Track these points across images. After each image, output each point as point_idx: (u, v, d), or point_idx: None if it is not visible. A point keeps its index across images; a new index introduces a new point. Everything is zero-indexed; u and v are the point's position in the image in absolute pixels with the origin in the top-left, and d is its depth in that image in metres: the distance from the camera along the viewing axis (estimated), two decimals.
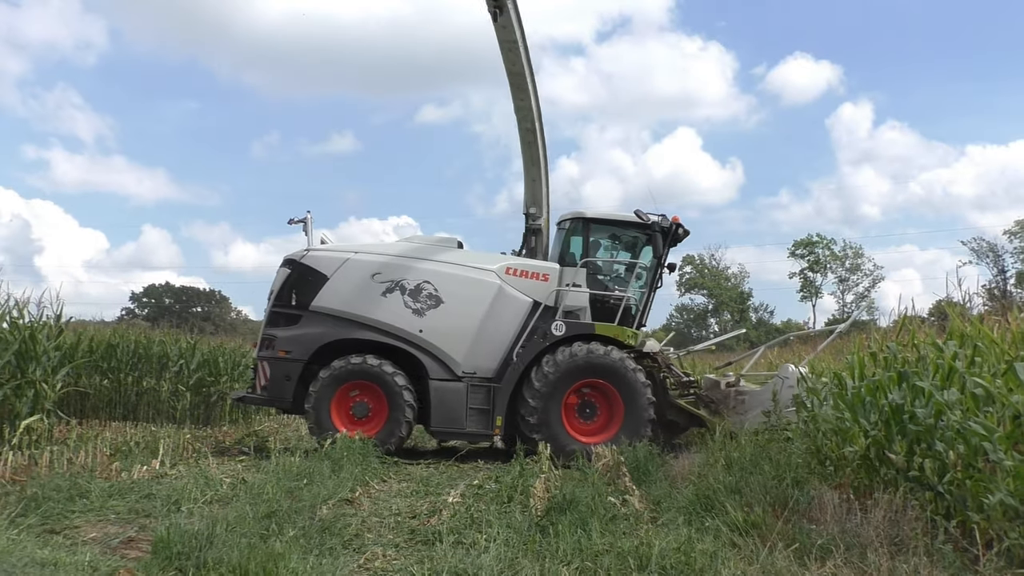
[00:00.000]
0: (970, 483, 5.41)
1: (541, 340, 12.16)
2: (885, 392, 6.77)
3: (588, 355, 12.06)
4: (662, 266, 13.28)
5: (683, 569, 5.09)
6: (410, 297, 12.09)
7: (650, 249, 13.23)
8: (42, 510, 6.76)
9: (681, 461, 9.83)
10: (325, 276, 12.13)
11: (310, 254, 12.35)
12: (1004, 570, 4.66)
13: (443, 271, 12.33)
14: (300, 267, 12.28)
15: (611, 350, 12.18)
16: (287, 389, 11.96)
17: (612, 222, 13.59)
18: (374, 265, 12.24)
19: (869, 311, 66.01)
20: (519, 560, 5.50)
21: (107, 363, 16.91)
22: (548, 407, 11.92)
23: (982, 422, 5.37)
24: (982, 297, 8.58)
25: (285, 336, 12.09)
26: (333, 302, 12.10)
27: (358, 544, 6.27)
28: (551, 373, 11.95)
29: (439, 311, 12.14)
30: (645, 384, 12.14)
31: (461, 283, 12.32)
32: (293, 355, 11.97)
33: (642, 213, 13.09)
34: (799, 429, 8.78)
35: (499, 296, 12.31)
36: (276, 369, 12.05)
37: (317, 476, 8.54)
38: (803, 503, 6.50)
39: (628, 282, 13.27)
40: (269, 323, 12.41)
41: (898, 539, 5.40)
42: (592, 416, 12.37)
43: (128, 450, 10.14)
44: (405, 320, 12.08)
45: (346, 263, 12.23)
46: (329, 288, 12.09)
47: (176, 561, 5.17)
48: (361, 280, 12.14)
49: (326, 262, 12.24)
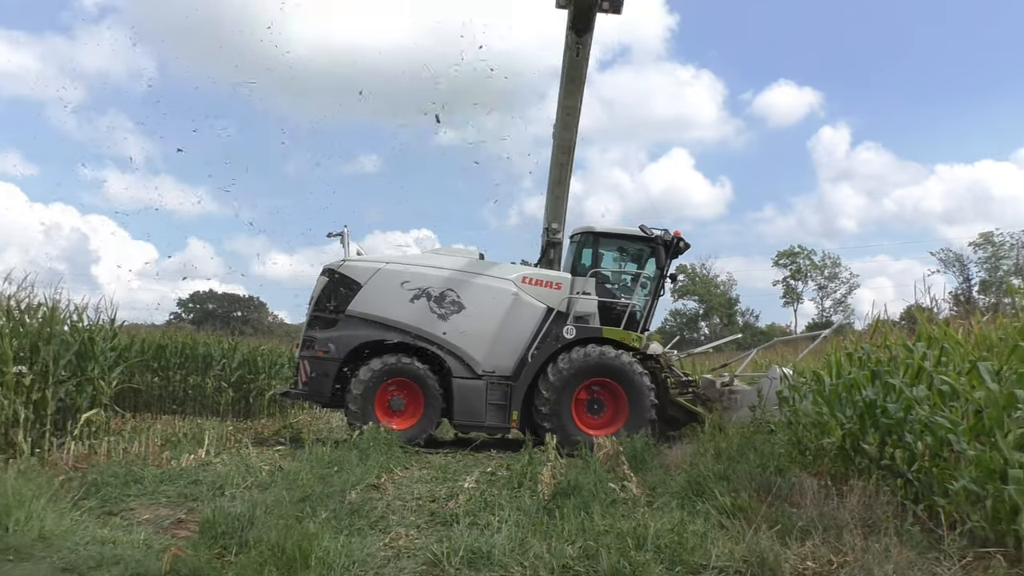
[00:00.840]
0: (936, 471, 5.42)
1: (554, 342, 12.21)
2: (860, 389, 6.77)
3: (600, 357, 12.09)
4: (664, 276, 13.27)
5: (676, 548, 5.06)
6: (435, 303, 12.22)
7: (654, 260, 13.24)
8: (101, 494, 6.82)
9: (674, 451, 9.81)
10: (359, 284, 12.27)
11: (346, 264, 12.46)
12: (966, 549, 4.65)
13: (465, 280, 12.42)
14: (337, 276, 12.41)
15: (621, 353, 12.18)
16: (326, 385, 12.07)
17: (619, 236, 13.57)
18: (403, 274, 12.34)
19: (846, 315, 65.69)
20: (528, 539, 5.49)
21: (157, 362, 17.02)
22: (560, 401, 11.95)
23: (947, 416, 5.38)
24: (948, 303, 8.54)
25: (324, 337, 12.22)
26: (366, 307, 12.23)
27: (383, 525, 6.28)
28: (565, 370, 11.97)
29: (461, 316, 12.24)
30: (650, 387, 12.16)
31: (481, 291, 12.40)
32: (331, 354, 12.10)
33: (646, 228, 13.13)
34: (782, 422, 8.77)
35: (516, 303, 12.39)
36: (316, 367, 12.15)
37: (346, 464, 8.56)
38: (785, 489, 6.48)
39: (633, 290, 13.27)
40: (309, 326, 12.50)
41: (871, 521, 5.38)
42: (600, 412, 12.36)
43: (177, 440, 10.22)
44: (431, 323, 12.20)
45: (378, 272, 12.34)
46: (363, 295, 12.23)
47: (221, 540, 5.22)
48: (392, 287, 12.26)
49: (360, 271, 12.36)
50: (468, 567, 5.01)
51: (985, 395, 5.13)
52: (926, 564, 4.51)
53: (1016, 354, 5.05)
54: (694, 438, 10.28)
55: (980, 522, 4.80)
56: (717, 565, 4.82)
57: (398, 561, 5.23)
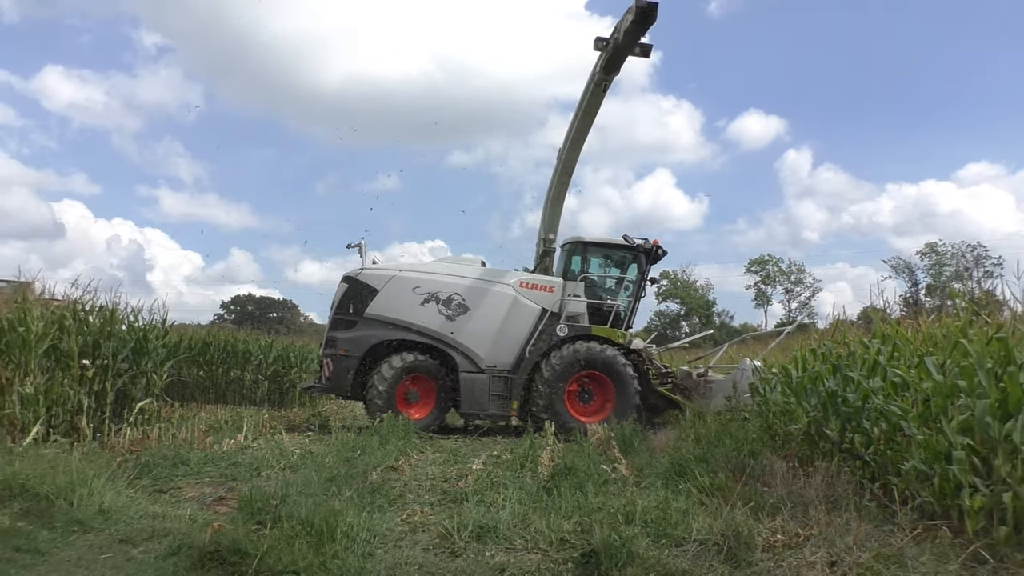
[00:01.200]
0: (890, 453, 5.40)
1: (549, 339, 12.21)
2: (823, 381, 6.75)
3: (589, 351, 12.09)
4: (645, 280, 13.26)
5: (661, 523, 5.05)
6: (443, 306, 12.21)
7: (635, 266, 13.25)
8: (153, 474, 6.83)
9: (659, 436, 9.77)
10: (376, 289, 12.26)
11: (364, 272, 12.45)
12: (917, 522, 4.61)
13: (470, 285, 12.41)
14: (356, 282, 12.40)
15: (606, 348, 12.18)
16: (346, 380, 12.06)
17: (605, 244, 13.53)
18: (415, 280, 12.34)
19: (810, 316, 65.47)
20: (529, 515, 5.48)
21: (202, 358, 17.03)
22: (555, 391, 11.94)
23: (899, 404, 5.37)
24: (899, 305, 8.51)
25: (345, 338, 12.21)
26: (382, 310, 12.22)
27: (401, 503, 6.27)
28: (558, 365, 11.97)
29: (466, 317, 12.24)
30: (633, 376, 12.15)
31: (484, 295, 12.39)
32: (351, 353, 12.09)
33: (629, 237, 13.13)
34: (754, 410, 8.74)
35: (514, 305, 12.39)
36: (338, 364, 12.13)
37: (368, 448, 8.55)
38: (757, 470, 6.46)
39: (618, 292, 13.25)
40: (332, 327, 12.48)
41: (833, 498, 5.35)
42: (589, 400, 12.35)
43: (219, 427, 10.21)
44: (440, 324, 12.18)
45: (392, 279, 12.33)
46: (379, 299, 12.22)
47: (257, 515, 5.22)
48: (405, 292, 12.24)
49: (377, 278, 12.36)
50: (476, 540, 5.00)
51: (932, 386, 5.11)
52: (882, 536, 4.49)
53: (958, 349, 5.03)
54: (677, 425, 10.26)
55: (928, 498, 4.78)
56: (698, 538, 4.80)
57: (414, 535, 5.23)
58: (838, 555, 4.24)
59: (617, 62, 11.56)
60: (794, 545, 4.57)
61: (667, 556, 4.47)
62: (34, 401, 8.12)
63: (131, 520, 5.30)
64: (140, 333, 10.06)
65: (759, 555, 4.46)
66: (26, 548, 4.60)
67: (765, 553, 4.50)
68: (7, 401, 7.97)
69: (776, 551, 4.52)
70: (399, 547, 4.91)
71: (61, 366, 8.84)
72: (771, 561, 4.37)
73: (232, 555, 4.36)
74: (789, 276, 70.33)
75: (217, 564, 4.33)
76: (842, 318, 8.18)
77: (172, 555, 4.54)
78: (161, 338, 10.53)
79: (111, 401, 9.14)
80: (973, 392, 4.64)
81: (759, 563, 4.37)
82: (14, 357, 8.41)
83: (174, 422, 9.71)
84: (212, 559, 4.36)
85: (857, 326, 8.65)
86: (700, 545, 4.71)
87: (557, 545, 4.87)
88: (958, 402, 4.80)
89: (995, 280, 6.12)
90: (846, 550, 4.27)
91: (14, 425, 7.92)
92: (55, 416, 8.45)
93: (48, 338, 8.68)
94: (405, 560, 4.60)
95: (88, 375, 8.89)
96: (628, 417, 11.52)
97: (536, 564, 4.57)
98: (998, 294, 6.16)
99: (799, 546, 4.53)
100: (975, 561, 4.07)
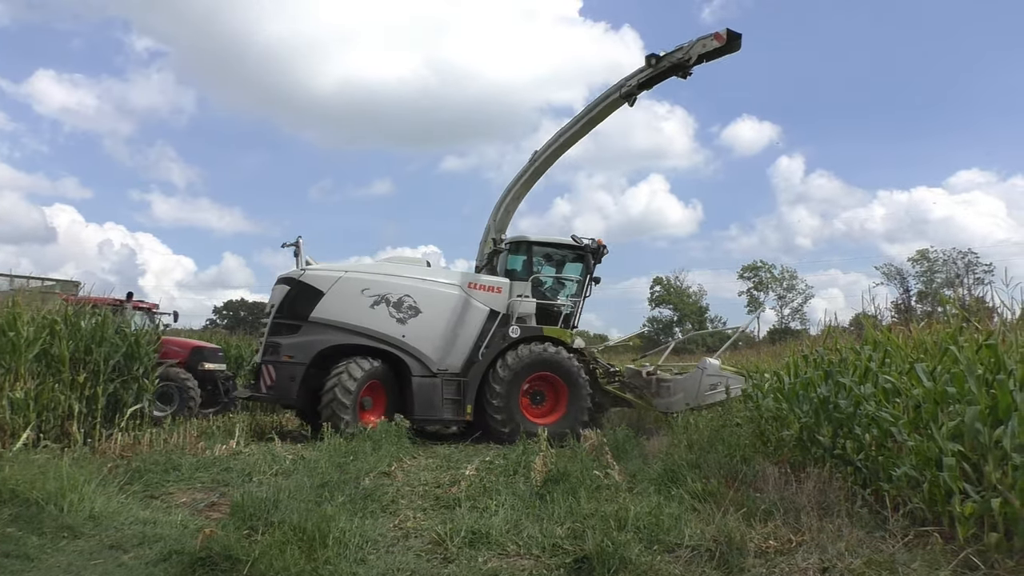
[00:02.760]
0: (881, 459, 5.41)
1: (501, 341, 11.98)
2: (815, 387, 6.77)
3: (543, 353, 11.93)
4: (591, 279, 13.10)
5: (654, 528, 5.04)
6: (394, 308, 11.74)
7: (582, 266, 13.05)
8: (144, 479, 6.80)
9: (652, 442, 9.79)
10: (321, 292, 11.59)
11: (308, 273, 11.75)
12: (908, 528, 4.63)
13: (420, 286, 11.96)
14: (300, 284, 11.69)
15: (560, 349, 12.07)
16: (292, 388, 11.32)
17: (550, 244, 13.25)
18: (363, 282, 11.77)
19: (802, 322, 65.74)
20: (522, 521, 5.48)
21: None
22: (510, 393, 11.72)
23: (891, 411, 5.39)
24: (891, 311, 8.54)
25: (289, 343, 11.45)
26: (330, 313, 11.57)
27: (394, 508, 6.25)
28: (515, 365, 11.77)
29: (418, 320, 11.81)
30: (585, 378, 12.08)
31: (435, 296, 12.03)
32: (297, 359, 11.36)
33: (577, 237, 12.98)
34: (746, 416, 8.75)
35: (465, 306, 12.10)
36: (282, 371, 11.37)
37: (361, 454, 8.52)
38: (750, 476, 6.45)
39: (565, 293, 13.05)
40: (272, 332, 11.72)
41: (825, 504, 5.36)
42: (541, 402, 12.18)
43: (211, 432, 10.13)
44: (391, 327, 11.69)
45: (340, 280, 11.71)
46: (326, 302, 11.57)
47: (249, 521, 5.19)
48: (353, 295, 11.65)
49: (322, 280, 11.69)
50: (469, 546, 4.98)
51: (922, 392, 5.14)
52: (873, 542, 4.50)
53: (948, 356, 5.06)
54: (669, 431, 10.27)
55: (920, 504, 4.79)
56: (690, 544, 4.80)
57: (406, 540, 5.21)
58: (830, 561, 4.25)
59: (659, 81, 11.82)
60: (786, 551, 4.58)
61: (660, 562, 4.47)
62: (24, 406, 8.08)
63: (122, 526, 5.28)
64: (131, 339, 10.02)
65: (751, 561, 4.47)
66: (16, 554, 4.57)
67: (757, 559, 4.50)
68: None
69: (768, 557, 4.53)
70: (391, 553, 4.88)
71: (52, 371, 8.80)
72: (763, 567, 4.37)
73: (223, 561, 4.34)
74: (782, 282, 70.51)
75: (208, 570, 4.31)
76: (834, 324, 8.21)
77: (163, 561, 4.52)
78: (153, 343, 10.49)
79: (102, 406, 9.10)
80: (963, 398, 4.67)
81: (751, 569, 4.37)
82: (4, 362, 8.37)
83: (166, 427, 9.65)
84: (203, 565, 4.34)
85: (849, 332, 8.69)
86: (692, 551, 4.71)
87: (550, 551, 4.86)
88: (948, 408, 4.82)
89: (986, 287, 6.17)
90: (838, 556, 4.28)
91: (4, 430, 7.87)
92: (45, 421, 8.41)
93: (39, 343, 8.63)
94: (397, 566, 4.58)
95: (79, 380, 8.85)
96: (582, 418, 11.65)
97: (529, 570, 4.56)
98: (988, 301, 6.21)
99: (791, 552, 4.53)
100: (966, 567, 4.08)
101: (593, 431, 10.99)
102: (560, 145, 12.78)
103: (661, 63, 11.84)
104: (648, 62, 11.96)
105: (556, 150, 12.82)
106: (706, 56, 11.59)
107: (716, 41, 11.31)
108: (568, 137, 12.77)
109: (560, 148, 12.81)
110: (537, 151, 13.25)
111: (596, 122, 12.60)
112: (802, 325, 63.19)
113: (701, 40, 11.52)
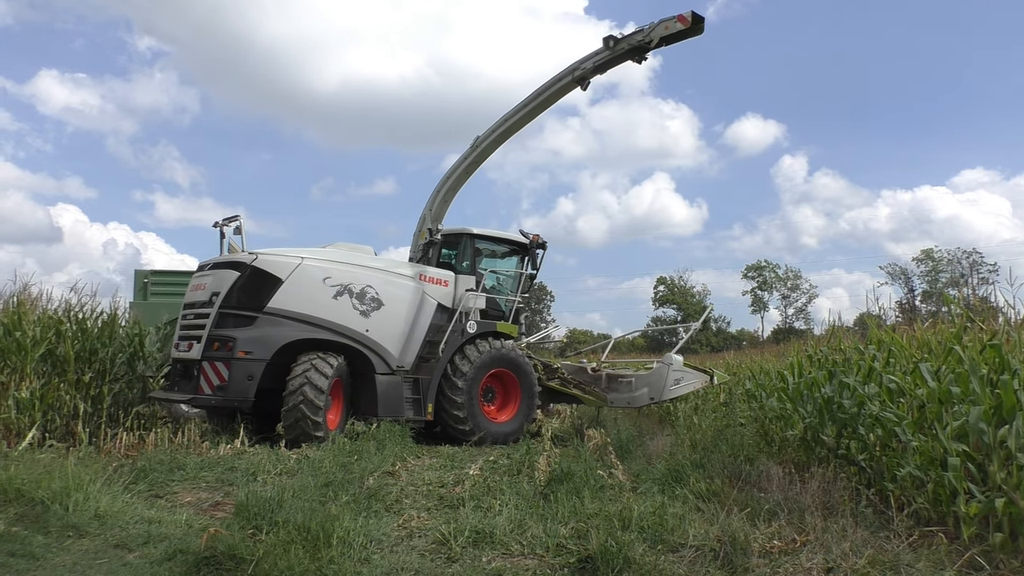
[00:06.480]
0: (886, 459, 5.40)
1: (459, 337, 11.44)
2: (819, 387, 6.75)
3: (500, 349, 11.61)
4: (534, 274, 12.76)
5: (658, 528, 5.03)
6: (357, 300, 10.69)
7: (523, 260, 12.69)
8: (149, 479, 6.80)
9: (656, 442, 9.78)
10: (280, 279, 10.12)
11: (262, 258, 10.22)
12: (912, 528, 4.63)
13: (381, 277, 11.07)
14: (253, 270, 10.09)
15: (515, 346, 11.94)
16: (250, 388, 9.62)
17: (493, 238, 12.68)
18: (325, 270, 10.55)
19: (806, 322, 65.63)
20: (526, 521, 5.47)
21: None
22: (471, 391, 11.26)
23: (895, 411, 5.38)
24: (895, 311, 8.49)
25: (245, 337, 9.77)
26: (289, 304, 10.14)
27: (398, 508, 6.24)
28: (477, 361, 11.32)
29: (381, 312, 10.91)
30: (535, 374, 12.04)
31: (395, 287, 11.19)
32: (255, 355, 9.71)
33: (524, 232, 12.63)
34: (750, 416, 8.74)
35: (421, 299, 11.45)
36: (237, 369, 9.63)
37: (365, 453, 8.51)
38: (754, 476, 6.45)
39: (507, 288, 12.68)
40: (218, 324, 9.90)
41: (829, 504, 5.35)
42: (492, 399, 11.90)
43: (216, 432, 10.18)
44: (355, 321, 10.64)
45: (299, 267, 10.32)
46: (285, 291, 10.13)
47: (253, 520, 5.19)
48: (314, 284, 10.39)
49: (279, 266, 10.21)
50: (473, 546, 4.98)
51: (926, 392, 5.13)
52: (878, 542, 4.49)
53: (952, 356, 5.05)
54: (672, 431, 10.27)
55: (924, 504, 4.79)
56: (694, 544, 4.79)
57: (410, 540, 5.21)
58: (834, 561, 4.25)
59: (615, 64, 11.58)
60: (790, 551, 4.57)
61: (663, 562, 4.47)
62: (30, 406, 8.11)
63: (126, 525, 5.29)
64: (136, 338, 10.05)
65: (755, 561, 4.46)
66: (21, 553, 4.59)
67: (761, 559, 4.50)
68: (3, 406, 7.97)
69: (772, 557, 4.52)
70: (395, 552, 4.89)
71: (57, 371, 8.84)
72: (767, 567, 4.36)
73: (228, 560, 4.35)
74: (786, 282, 70.59)
75: (213, 569, 4.32)
76: (838, 324, 8.19)
77: (167, 560, 4.52)
78: (157, 342, 10.52)
79: (107, 406, 9.13)
80: (967, 398, 4.66)
81: (755, 569, 4.37)
82: (10, 362, 8.41)
83: (170, 426, 9.68)
84: (208, 564, 4.35)
85: (853, 332, 8.67)
86: (696, 551, 4.70)
87: (554, 551, 4.85)
88: (953, 408, 4.81)
89: (990, 286, 6.16)
90: (842, 556, 4.28)
91: (10, 430, 7.92)
92: (51, 421, 8.45)
93: (44, 343, 8.67)
94: (401, 565, 4.58)
95: (85, 380, 8.88)
96: (532, 415, 11.79)
97: (533, 569, 4.56)
98: (993, 300, 6.19)
99: (795, 552, 4.53)
100: (971, 567, 4.07)
101: (597, 431, 10.99)
102: (505, 130, 12.24)
103: (619, 45, 11.29)
104: (606, 44, 11.36)
105: (500, 135, 12.30)
106: (668, 39, 11.02)
107: (680, 23, 10.72)
108: (514, 122, 12.17)
109: (505, 133, 12.29)
110: (479, 136, 12.59)
111: (545, 107, 12.09)
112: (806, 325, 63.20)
113: (664, 22, 10.96)
